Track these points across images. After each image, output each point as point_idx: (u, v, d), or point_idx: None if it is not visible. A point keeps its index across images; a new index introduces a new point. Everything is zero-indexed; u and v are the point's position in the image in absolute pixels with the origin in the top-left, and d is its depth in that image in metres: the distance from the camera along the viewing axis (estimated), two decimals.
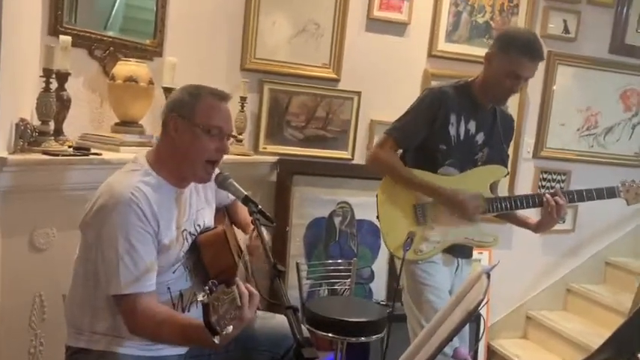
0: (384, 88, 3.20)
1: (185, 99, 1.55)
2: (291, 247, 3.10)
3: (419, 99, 2.12)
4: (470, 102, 2.10)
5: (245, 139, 2.98)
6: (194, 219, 1.67)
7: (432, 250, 2.10)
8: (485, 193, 2.12)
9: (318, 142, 3.16)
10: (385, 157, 2.10)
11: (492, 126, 2.15)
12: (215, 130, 1.54)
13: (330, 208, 3.17)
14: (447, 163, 2.11)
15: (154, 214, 1.49)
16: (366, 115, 3.20)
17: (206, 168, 1.57)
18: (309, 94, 3.11)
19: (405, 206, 2.12)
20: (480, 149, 2.15)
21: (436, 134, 2.08)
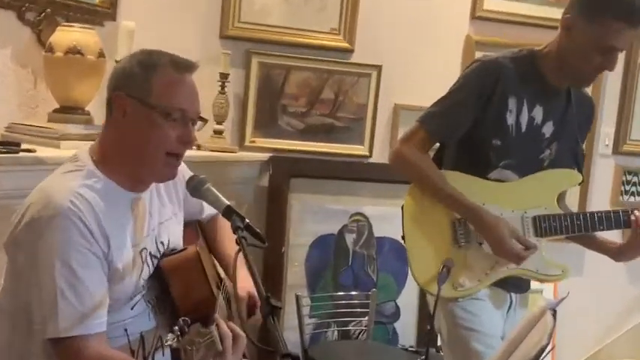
0: (412, 61, 3.18)
1: (135, 71, 1.54)
2: (288, 275, 3.08)
3: (464, 74, 2.07)
4: (536, 80, 2.05)
5: (227, 130, 2.97)
6: (156, 234, 1.66)
7: (477, 284, 2.06)
8: (550, 208, 2.09)
9: (325, 134, 3.15)
10: (410, 155, 2.06)
11: (565, 113, 2.12)
12: (177, 114, 1.53)
13: (341, 223, 3.16)
14: (502, 165, 2.07)
15: (102, 228, 1.49)
16: (388, 98, 3.19)
17: (168, 162, 1.57)
18: (313, 69, 3.09)
19: (441, 222, 2.08)
20: (548, 145, 2.11)
21: (488, 124, 2.03)
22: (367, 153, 3.20)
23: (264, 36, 3.03)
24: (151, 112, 1.52)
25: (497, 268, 2.06)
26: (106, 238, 1.49)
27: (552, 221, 2.07)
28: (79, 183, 1.50)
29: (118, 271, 1.53)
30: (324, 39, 3.10)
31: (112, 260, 1.51)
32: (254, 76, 3.03)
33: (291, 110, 3.11)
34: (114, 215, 1.52)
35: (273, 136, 3.09)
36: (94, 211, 1.48)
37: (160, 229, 1.68)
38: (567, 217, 2.07)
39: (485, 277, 2.06)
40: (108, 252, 1.50)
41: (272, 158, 3.07)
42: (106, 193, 1.53)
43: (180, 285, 1.63)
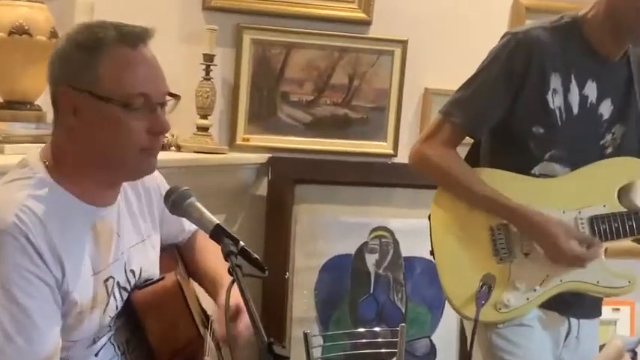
0: (445, 35, 3.18)
1: (76, 57, 1.52)
2: (294, 307, 3.09)
3: (492, 51, 2.14)
4: (584, 52, 2.11)
5: (214, 126, 2.97)
6: (126, 260, 1.66)
7: (526, 304, 2.10)
8: (610, 205, 2.11)
9: (336, 129, 3.15)
10: (433, 154, 2.12)
11: (626, 88, 2.15)
12: (138, 101, 1.52)
13: (360, 240, 3.16)
14: (548, 157, 2.11)
15: (55, 250, 1.49)
16: (416, 81, 3.19)
17: (144, 157, 1.57)
18: (320, 47, 3.10)
19: (477, 231, 2.13)
20: (608, 128, 2.14)
21: (526, 109, 2.08)
22: (391, 151, 3.21)
23: (258, 6, 3.03)
24: (106, 105, 1.51)
25: (549, 282, 2.09)
26: (59, 261, 1.49)
27: (613, 222, 2.09)
28: (27, 194, 1.50)
29: (75, 305, 1.52)
30: (335, 8, 3.10)
31: (68, 290, 1.51)
32: (246, 57, 3.03)
33: (294, 99, 3.11)
34: (70, 234, 1.52)
35: (272, 132, 3.10)
36: (45, 229, 1.48)
37: (131, 254, 1.68)
38: (632, 216, 2.10)
39: (534, 293, 2.10)
40: (62, 279, 1.50)
41: (271, 160, 3.07)
42: (60, 206, 1.53)
43: (157, 324, 1.63)
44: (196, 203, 1.59)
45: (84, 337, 1.56)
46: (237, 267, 1.44)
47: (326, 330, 3.07)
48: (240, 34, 3.02)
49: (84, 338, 1.56)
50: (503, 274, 2.09)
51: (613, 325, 3.31)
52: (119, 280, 1.64)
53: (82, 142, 1.55)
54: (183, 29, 2.93)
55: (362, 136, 3.19)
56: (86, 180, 1.57)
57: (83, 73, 1.52)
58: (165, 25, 2.89)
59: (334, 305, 3.13)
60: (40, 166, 1.56)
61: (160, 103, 1.56)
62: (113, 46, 1.52)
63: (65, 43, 1.56)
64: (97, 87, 1.51)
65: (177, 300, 1.64)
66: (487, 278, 2.01)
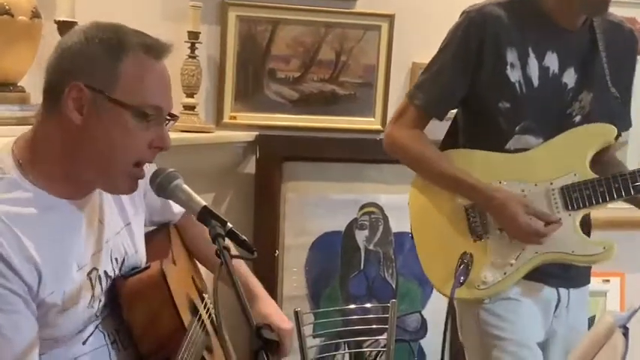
0: (432, 8, 3.16)
1: (98, 54, 1.48)
2: (284, 285, 3.10)
3: (449, 32, 2.17)
4: (541, 23, 2.13)
5: (199, 104, 2.96)
6: (111, 248, 1.65)
7: (503, 278, 2.13)
8: (581, 174, 2.12)
9: (325, 105, 3.15)
10: (401, 136, 2.18)
11: (590, 55, 2.16)
12: (153, 113, 1.50)
13: (350, 217, 3.17)
14: (519, 130, 2.14)
15: (30, 256, 1.45)
16: (404, 56, 3.19)
17: (132, 174, 1.55)
18: (306, 22, 3.09)
19: (453, 212, 2.17)
20: (574, 97, 2.16)
21: (488, 85, 2.12)
22: (379, 127, 3.20)
23: None
24: (119, 110, 1.48)
25: (525, 255, 2.12)
26: (34, 268, 1.46)
27: (584, 189, 2.11)
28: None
29: (55, 305, 1.51)
30: None
31: (45, 294, 1.48)
32: (232, 35, 3.02)
33: (281, 76, 3.10)
34: (47, 236, 1.49)
35: (259, 109, 3.09)
36: (17, 237, 1.44)
37: (116, 241, 1.67)
38: (603, 182, 2.11)
39: (511, 268, 2.12)
40: (38, 286, 1.47)
41: (259, 138, 3.07)
42: (35, 206, 1.49)
43: (140, 314, 1.63)
44: (183, 185, 1.58)
45: (70, 329, 1.55)
46: (224, 249, 1.43)
47: (317, 307, 3.09)
48: (225, 10, 3.00)
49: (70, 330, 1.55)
50: (480, 252, 2.13)
51: (603, 296, 3.35)
52: (106, 269, 1.63)
53: (76, 141, 1.50)
54: (167, 6, 2.90)
55: (350, 113, 3.19)
56: (64, 177, 1.53)
57: (101, 72, 1.48)
58: (148, 3, 2.89)
59: (325, 282, 3.15)
60: (10, 165, 1.51)
61: (167, 119, 1.55)
62: (138, 52, 1.49)
63: (83, 37, 1.50)
64: (114, 90, 1.48)
65: (161, 290, 1.63)
66: (464, 257, 2.07)
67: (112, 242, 1.66)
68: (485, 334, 2.14)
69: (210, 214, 1.51)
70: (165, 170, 1.59)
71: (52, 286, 1.49)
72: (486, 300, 2.13)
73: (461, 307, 2.21)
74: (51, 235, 1.51)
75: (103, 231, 1.63)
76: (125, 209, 1.72)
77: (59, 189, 1.54)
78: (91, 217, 1.61)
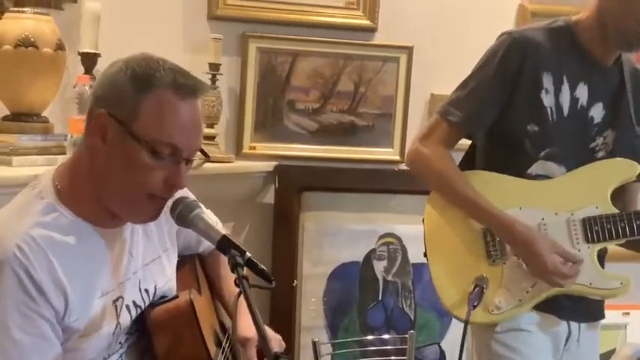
0: (451, 40, 3.19)
1: (126, 86, 1.50)
2: (302, 315, 3.09)
3: (488, 51, 2.16)
4: (576, 54, 2.13)
5: (220, 134, 2.98)
6: (140, 278, 1.66)
7: (517, 305, 2.10)
8: (603, 207, 2.11)
9: (343, 136, 3.16)
10: (429, 154, 2.14)
11: (618, 94, 2.16)
12: (166, 151, 1.51)
13: (368, 247, 3.16)
14: (544, 156, 2.12)
15: (59, 280, 1.47)
16: (422, 87, 3.19)
17: (150, 204, 1.55)
18: (326, 54, 3.11)
19: (470, 233, 2.14)
20: (599, 132, 2.15)
21: (521, 107, 2.10)
22: (398, 157, 3.21)
23: (263, 15, 3.04)
24: (135, 144, 1.49)
25: (541, 284, 2.09)
26: (62, 293, 1.48)
27: (606, 223, 2.10)
28: (33, 221, 1.48)
29: (79, 330, 1.51)
30: (339, 16, 3.11)
31: (71, 319, 1.49)
32: (252, 66, 3.04)
33: (301, 107, 3.12)
34: (77, 261, 1.51)
35: (279, 140, 3.10)
36: (49, 260, 1.46)
37: (145, 273, 1.67)
38: (624, 218, 2.10)
39: (526, 295, 2.10)
40: (65, 311, 1.48)
41: (278, 168, 3.08)
42: (69, 231, 1.51)
43: (166, 342, 1.62)
44: (202, 215, 1.59)
45: (92, 355, 1.55)
46: (243, 278, 1.44)
47: (335, 338, 3.07)
48: (245, 42, 3.02)
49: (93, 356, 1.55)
50: (496, 277, 2.10)
51: (623, 329, 3.30)
52: (134, 299, 1.63)
53: (99, 168, 1.53)
54: (189, 39, 2.93)
55: (368, 143, 3.19)
56: (96, 204, 1.55)
57: (125, 104, 1.49)
58: (170, 35, 2.92)
59: (343, 313, 3.13)
60: (50, 190, 1.54)
61: (186, 159, 1.54)
62: (164, 89, 1.50)
63: (123, 66, 1.53)
64: (133, 123, 1.49)
65: (189, 320, 1.63)
66: (480, 280, 2.03)
67: (141, 273, 1.66)
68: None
69: (229, 243, 1.52)
70: (186, 200, 1.60)
71: (78, 313, 1.50)
72: (498, 328, 2.11)
73: (473, 335, 2.19)
74: (81, 262, 1.52)
75: (131, 262, 1.64)
76: (156, 243, 1.72)
77: (92, 216, 1.55)
78: (121, 248, 1.62)
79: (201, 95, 1.56)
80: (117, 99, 1.50)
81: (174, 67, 1.53)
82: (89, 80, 2.44)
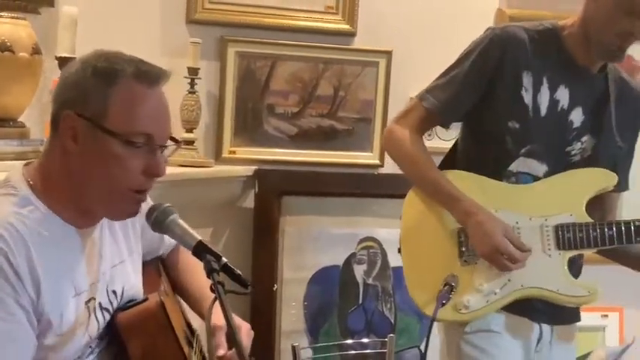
0: (430, 44, 3.19)
1: (89, 84, 1.50)
2: (282, 319, 3.08)
3: (471, 44, 2.18)
4: (560, 58, 2.14)
5: (199, 139, 2.97)
6: (108, 281, 1.65)
7: (485, 306, 2.11)
8: (577, 215, 2.12)
9: (323, 140, 3.16)
10: (402, 135, 2.18)
11: (600, 103, 2.18)
12: (141, 140, 1.51)
13: (348, 251, 3.16)
14: (524, 153, 2.13)
15: (34, 271, 1.47)
16: (401, 91, 3.18)
17: (131, 198, 1.56)
18: (305, 58, 3.11)
19: (444, 232, 2.16)
20: (577, 137, 2.17)
21: (502, 102, 2.12)
22: (377, 161, 3.21)
23: (242, 19, 3.03)
24: (108, 139, 1.50)
25: (510, 286, 2.11)
26: (36, 283, 1.47)
27: (578, 231, 2.12)
28: (11, 211, 1.48)
29: (51, 326, 1.51)
30: (319, 20, 3.11)
31: (43, 311, 1.49)
32: (231, 70, 3.03)
33: (280, 111, 3.11)
34: (52, 255, 1.51)
35: (258, 144, 3.09)
36: (27, 248, 1.46)
37: (113, 275, 1.67)
38: (597, 227, 2.12)
39: (494, 297, 2.11)
40: (37, 301, 1.48)
41: (257, 172, 3.07)
42: (44, 225, 1.51)
43: (140, 347, 1.61)
44: (179, 220, 1.59)
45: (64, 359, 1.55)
46: (219, 284, 1.44)
47: (315, 342, 3.07)
48: (224, 46, 3.02)
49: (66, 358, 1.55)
50: (467, 276, 2.11)
51: (601, 331, 3.31)
52: (101, 301, 1.62)
53: (75, 169, 1.53)
54: (167, 43, 2.92)
55: (348, 147, 3.19)
56: (70, 204, 1.55)
57: (92, 101, 1.50)
58: (148, 39, 2.91)
59: (323, 317, 3.13)
60: (23, 185, 1.54)
61: (161, 146, 1.55)
62: (129, 80, 1.51)
63: (80, 66, 1.53)
64: (103, 119, 1.49)
65: (161, 322, 1.62)
66: (450, 278, 2.03)
67: (109, 275, 1.65)
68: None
69: (205, 248, 1.52)
70: (162, 206, 1.60)
71: (49, 305, 1.49)
72: (467, 329, 2.12)
73: (444, 336, 2.21)
74: (53, 256, 1.51)
75: (101, 263, 1.64)
76: (122, 245, 1.72)
77: (66, 215, 1.55)
78: (92, 248, 1.62)
79: (164, 82, 1.56)
80: (83, 98, 1.50)
81: (133, 58, 1.55)
82: None
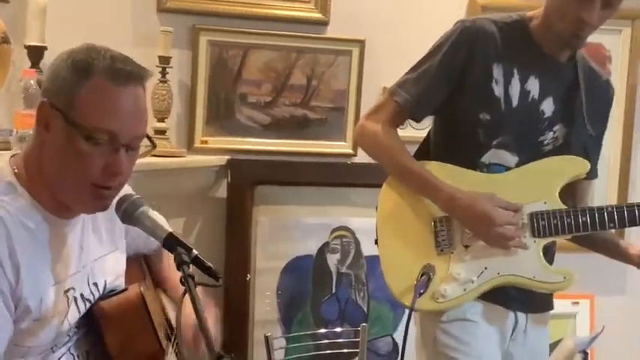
0: (402, 33, 3.19)
1: (65, 75, 1.52)
2: (256, 309, 3.08)
3: (441, 38, 2.19)
4: (529, 49, 2.16)
5: (170, 128, 2.96)
6: (89, 273, 1.65)
7: (463, 294, 2.13)
8: (551, 202, 2.15)
9: (296, 129, 3.16)
10: (375, 130, 2.17)
11: (570, 92, 2.20)
12: (102, 138, 1.51)
13: (321, 241, 3.16)
14: (496, 144, 2.15)
15: (14, 255, 1.48)
16: (374, 80, 3.19)
17: (95, 192, 1.56)
18: (278, 47, 3.10)
19: (420, 222, 2.18)
20: (549, 127, 2.18)
21: (472, 95, 2.13)
22: (351, 151, 3.22)
23: (214, 7, 3.02)
24: (73, 131, 1.50)
25: (486, 274, 2.13)
26: (16, 267, 1.49)
27: (552, 219, 2.14)
28: None
29: (29, 312, 1.51)
30: (291, 9, 3.10)
31: (21, 297, 1.50)
32: (203, 59, 3.02)
33: (253, 100, 3.10)
34: (32, 242, 1.52)
35: (231, 133, 3.09)
36: (8, 233, 1.48)
37: (95, 268, 1.67)
38: (571, 214, 2.14)
39: (471, 285, 2.13)
40: (16, 285, 1.49)
41: (230, 162, 3.07)
42: (26, 213, 1.53)
43: (117, 336, 1.62)
44: (149, 212, 1.59)
45: (40, 344, 1.55)
46: (189, 277, 1.44)
47: (289, 331, 3.08)
48: (196, 35, 3.00)
49: (40, 344, 1.55)
50: (443, 266, 2.13)
51: (573, 318, 3.35)
52: (82, 292, 1.63)
53: (47, 159, 1.55)
54: (138, 31, 2.90)
55: (321, 137, 3.19)
56: (49, 193, 1.56)
57: (64, 92, 1.52)
58: (119, 28, 2.88)
59: (297, 306, 3.13)
60: (8, 171, 1.57)
61: (126, 145, 1.54)
62: (100, 76, 1.51)
63: (63, 57, 1.56)
64: (70, 111, 1.51)
65: (140, 313, 1.63)
66: (427, 268, 2.05)
67: (91, 267, 1.66)
68: (441, 355, 2.14)
69: (175, 241, 1.52)
70: (131, 197, 1.61)
71: (28, 291, 1.50)
72: (444, 318, 2.14)
73: (420, 325, 2.22)
74: (34, 243, 1.53)
75: (82, 255, 1.64)
76: (105, 240, 1.73)
77: (47, 204, 1.57)
78: (73, 239, 1.63)
79: (141, 81, 1.56)
80: (57, 88, 1.53)
81: (115, 55, 1.55)
82: (35, 74, 2.41)
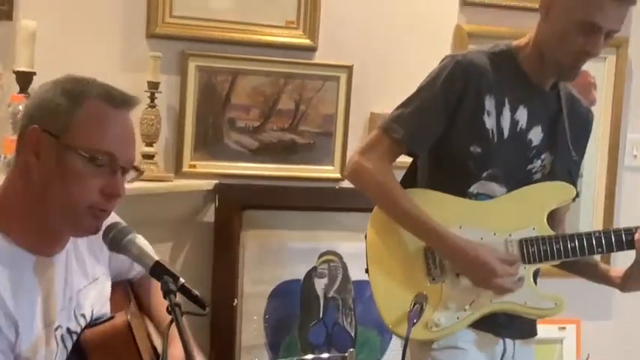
0: (390, 60, 3.21)
1: (57, 101, 1.52)
2: (243, 334, 3.07)
3: (432, 73, 2.18)
4: (517, 78, 2.17)
5: (159, 153, 2.96)
6: (74, 306, 1.64)
7: (456, 323, 2.13)
8: (540, 229, 2.16)
9: (284, 154, 3.16)
10: (370, 168, 2.14)
11: (555, 120, 2.22)
12: (103, 159, 1.52)
13: (308, 265, 3.16)
14: (486, 177, 2.16)
15: (8, 310, 1.46)
16: (362, 106, 3.21)
17: (90, 216, 1.55)
18: (266, 73, 3.11)
19: (411, 251, 2.17)
20: (537, 155, 2.21)
21: (464, 128, 2.13)
22: (338, 175, 3.21)
23: (203, 33, 3.03)
24: (71, 154, 1.50)
25: (479, 302, 2.13)
26: (13, 324, 1.47)
27: (542, 245, 2.15)
28: None
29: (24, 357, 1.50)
30: (280, 35, 3.12)
31: (21, 351, 1.48)
32: (192, 84, 3.02)
33: (241, 125, 3.11)
34: (20, 291, 1.49)
35: (219, 158, 3.08)
36: None
37: (80, 298, 1.66)
38: (560, 240, 2.15)
39: (464, 313, 2.14)
40: (15, 341, 1.47)
41: (218, 186, 3.06)
42: (6, 260, 1.49)
43: None
44: (136, 240, 1.58)
45: None
46: (175, 306, 1.43)
47: (276, 356, 3.06)
48: (185, 61, 3.01)
49: None
50: (435, 294, 2.13)
51: (559, 343, 3.35)
52: (69, 326, 1.62)
53: (38, 185, 1.52)
54: (127, 57, 2.91)
55: (309, 161, 3.19)
56: (34, 227, 1.54)
57: (57, 118, 1.51)
58: (108, 53, 2.89)
59: (284, 331, 3.12)
60: None
61: (123, 168, 1.55)
62: (96, 99, 1.53)
63: (52, 86, 1.56)
64: (67, 135, 1.50)
65: (127, 341, 1.62)
66: (419, 297, 2.04)
67: (76, 299, 1.65)
68: None
69: (162, 269, 1.52)
70: (118, 225, 1.60)
71: (26, 342, 1.49)
72: (435, 345, 2.13)
73: (410, 352, 2.21)
74: (22, 292, 1.50)
75: (66, 289, 1.63)
76: (89, 268, 1.72)
77: (26, 243, 1.54)
78: (58, 276, 1.61)
79: (132, 107, 1.58)
80: (49, 114, 1.52)
81: (103, 83, 1.57)
82: (24, 99, 2.41)
